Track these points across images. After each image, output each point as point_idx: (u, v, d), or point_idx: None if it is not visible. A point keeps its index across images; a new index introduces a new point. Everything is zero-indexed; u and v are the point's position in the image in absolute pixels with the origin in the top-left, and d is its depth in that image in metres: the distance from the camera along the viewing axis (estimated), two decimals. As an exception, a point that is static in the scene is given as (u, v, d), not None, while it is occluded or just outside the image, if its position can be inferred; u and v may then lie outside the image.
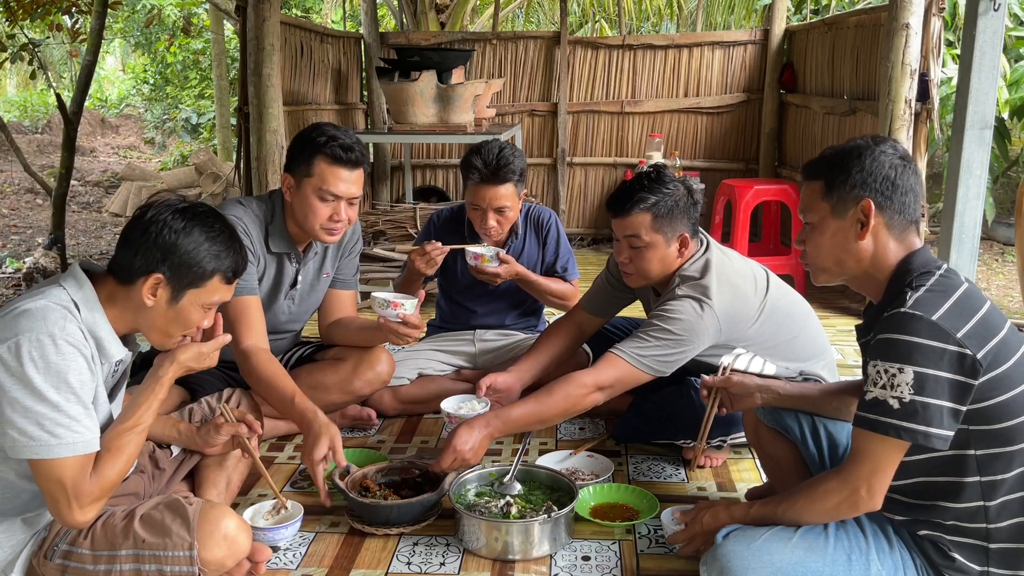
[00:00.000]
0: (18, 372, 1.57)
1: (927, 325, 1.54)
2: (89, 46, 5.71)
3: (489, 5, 9.48)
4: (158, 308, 1.74)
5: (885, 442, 1.58)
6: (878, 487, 1.62)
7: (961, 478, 1.63)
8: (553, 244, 3.16)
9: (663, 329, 2.32)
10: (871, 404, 1.59)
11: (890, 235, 1.70)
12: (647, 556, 2.16)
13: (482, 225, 2.97)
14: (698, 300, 2.34)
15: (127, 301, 1.74)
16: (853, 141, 1.76)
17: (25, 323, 1.60)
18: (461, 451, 2.25)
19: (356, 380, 2.76)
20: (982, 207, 3.92)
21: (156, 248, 1.70)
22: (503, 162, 2.88)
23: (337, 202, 2.48)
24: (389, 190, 6.55)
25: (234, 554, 1.76)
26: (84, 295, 1.71)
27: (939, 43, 4.11)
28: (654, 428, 2.70)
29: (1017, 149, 7.60)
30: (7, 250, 7.23)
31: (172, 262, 1.71)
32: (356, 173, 2.50)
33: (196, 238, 1.73)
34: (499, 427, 2.30)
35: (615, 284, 2.71)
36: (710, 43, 6.24)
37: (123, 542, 1.70)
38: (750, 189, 5.19)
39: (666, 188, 2.40)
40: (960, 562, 1.66)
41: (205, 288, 1.76)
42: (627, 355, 2.33)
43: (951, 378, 1.53)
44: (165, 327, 1.78)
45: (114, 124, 15.88)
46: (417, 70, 4.63)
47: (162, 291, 1.73)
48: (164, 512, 1.73)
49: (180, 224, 1.72)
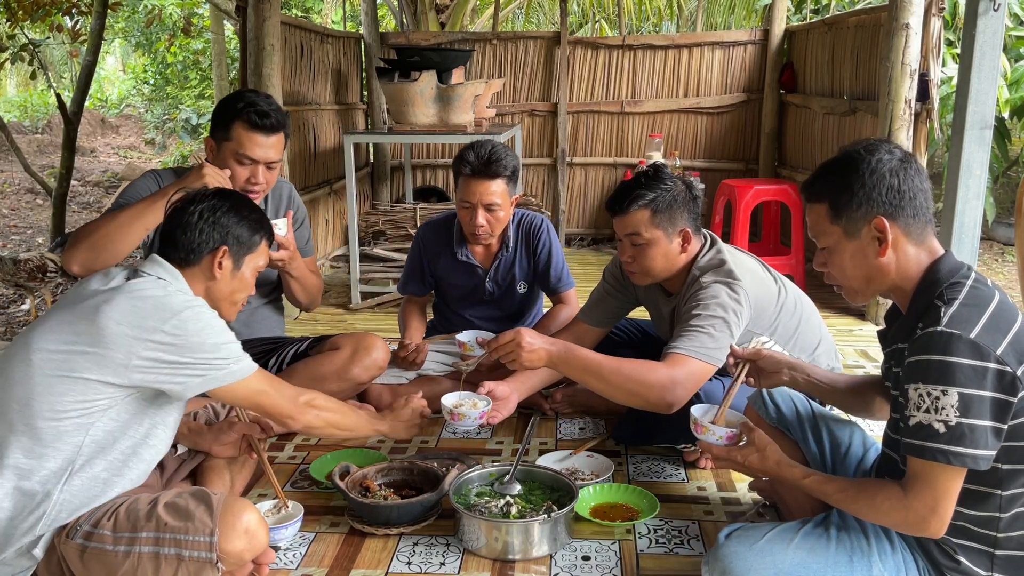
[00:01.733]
0: (189, 343, 1.77)
1: (966, 344, 1.50)
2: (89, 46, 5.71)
3: (489, 5, 9.48)
4: (224, 278, 1.98)
5: (942, 470, 1.53)
6: (945, 515, 1.56)
7: (984, 488, 1.60)
8: (545, 252, 3.10)
9: (709, 317, 2.28)
10: (915, 429, 1.54)
11: (909, 242, 1.66)
12: (647, 556, 2.16)
13: (471, 223, 2.94)
14: (727, 284, 2.33)
15: (195, 280, 1.95)
16: (847, 151, 1.71)
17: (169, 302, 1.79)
18: (523, 338, 2.21)
19: (354, 367, 2.78)
20: (982, 207, 3.92)
21: (217, 226, 1.95)
22: (495, 157, 2.87)
23: (255, 166, 2.61)
24: (389, 190, 6.55)
25: (253, 548, 1.77)
26: (179, 281, 1.91)
27: (939, 43, 4.11)
28: (654, 431, 2.70)
29: (1017, 149, 7.60)
30: (7, 250, 7.23)
31: (233, 235, 1.97)
32: (273, 138, 2.62)
33: (240, 212, 2.00)
34: (561, 351, 2.24)
35: (613, 291, 2.70)
36: (710, 43, 6.24)
37: (145, 524, 1.72)
38: (750, 189, 5.19)
39: (664, 184, 2.40)
40: (965, 565, 1.65)
41: (256, 252, 2.04)
42: (689, 351, 2.24)
43: (993, 396, 1.50)
44: (231, 295, 2.01)
45: (114, 124, 15.88)
46: (417, 70, 4.63)
47: (226, 262, 1.97)
48: (189, 499, 1.76)
49: (226, 204, 1.99)
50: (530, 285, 3.18)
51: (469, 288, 3.15)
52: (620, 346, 3.01)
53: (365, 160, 6.50)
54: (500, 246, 3.10)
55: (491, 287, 3.13)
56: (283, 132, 2.64)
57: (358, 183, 5.89)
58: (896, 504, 1.59)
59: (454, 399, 2.51)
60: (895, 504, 1.59)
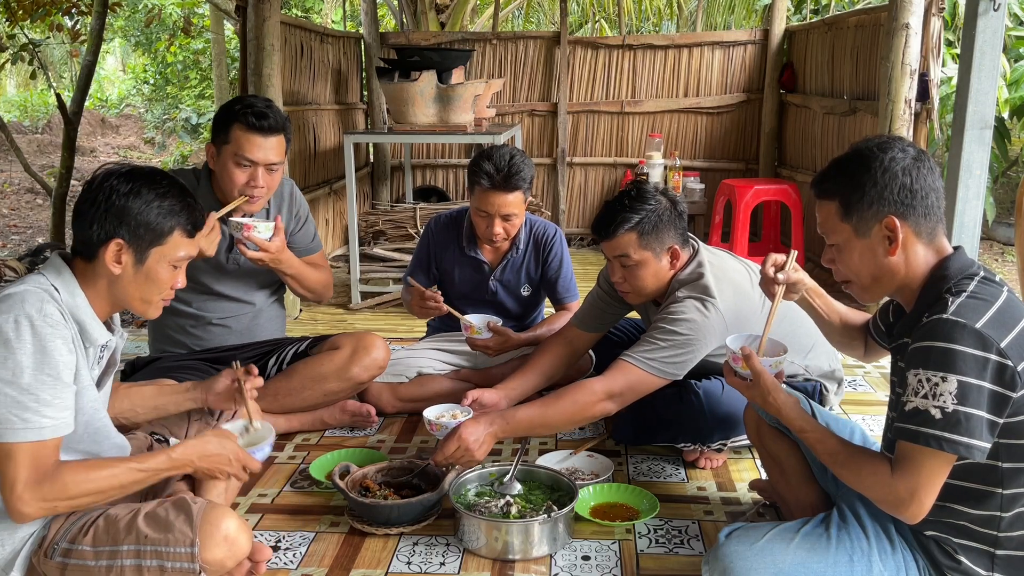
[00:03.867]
0: None
1: (970, 333, 1.49)
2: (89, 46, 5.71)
3: (489, 5, 9.47)
4: (126, 274, 1.74)
5: (932, 456, 1.53)
6: (926, 501, 1.56)
7: (984, 487, 1.60)
8: (556, 262, 3.11)
9: (670, 331, 2.31)
10: (911, 414, 1.54)
11: (919, 241, 1.65)
12: (647, 556, 2.16)
13: (487, 231, 2.94)
14: (701, 299, 2.33)
15: (97, 277, 1.74)
16: (859, 147, 1.69)
17: (3, 306, 1.62)
18: (466, 441, 2.22)
19: (354, 366, 2.78)
20: (982, 207, 3.92)
21: (109, 215, 1.70)
22: (514, 170, 2.84)
23: (254, 168, 2.58)
24: (389, 190, 6.55)
25: (234, 555, 1.76)
26: (63, 280, 1.72)
27: (939, 43, 4.11)
28: (654, 430, 2.69)
29: (1017, 149, 7.60)
30: (7, 250, 7.23)
31: (128, 225, 1.71)
32: (272, 140, 2.59)
33: (146, 197, 1.72)
34: (503, 427, 2.29)
35: (607, 298, 2.69)
36: (710, 43, 6.24)
37: (125, 537, 1.70)
38: (750, 189, 5.19)
39: (648, 204, 2.38)
40: (966, 565, 1.65)
41: (168, 244, 1.77)
42: (637, 360, 2.30)
43: (992, 389, 1.49)
44: (140, 292, 1.78)
45: (114, 124, 15.87)
46: (417, 70, 4.62)
47: (126, 256, 1.72)
48: (169, 509, 1.73)
49: (127, 187, 1.71)
50: (535, 290, 3.18)
51: (473, 284, 3.15)
52: (618, 346, 3.00)
53: (365, 160, 6.50)
54: (510, 247, 3.10)
55: (494, 286, 3.13)
56: (283, 134, 2.63)
57: (358, 183, 5.89)
58: (880, 480, 1.60)
59: (436, 411, 2.50)
60: (879, 480, 1.60)
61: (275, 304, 2.99)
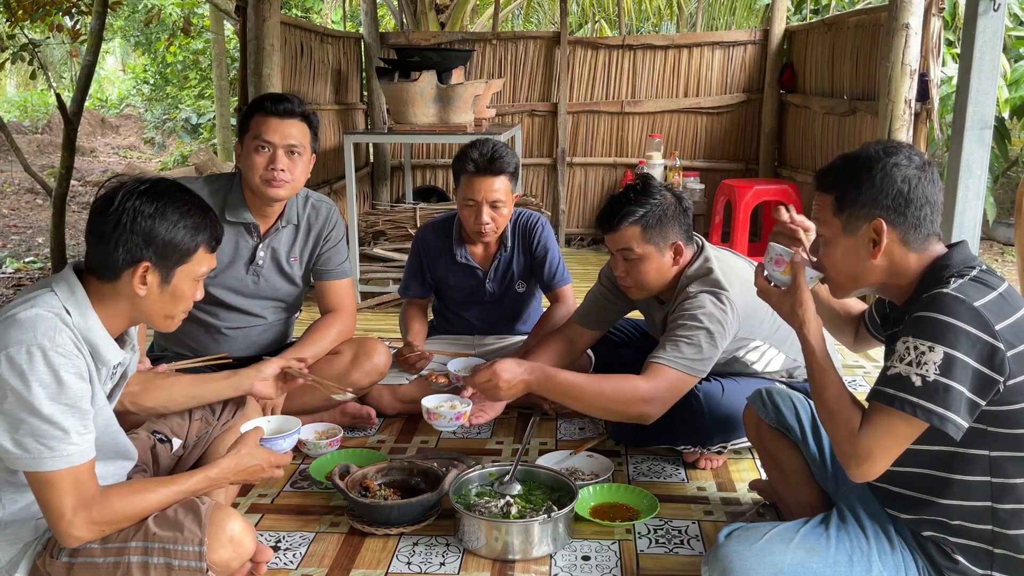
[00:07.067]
0: (9, 385, 1.57)
1: (968, 309, 1.51)
2: (89, 46, 5.70)
3: (489, 5, 9.47)
4: (151, 294, 1.72)
5: (902, 420, 1.54)
6: (879, 464, 1.58)
7: (971, 476, 1.61)
8: (541, 248, 3.09)
9: (693, 328, 2.29)
10: (891, 379, 1.55)
11: (907, 250, 1.66)
12: (647, 556, 2.16)
13: (476, 223, 2.93)
14: (714, 293, 2.33)
15: (116, 297, 1.71)
16: (867, 148, 1.70)
17: (15, 334, 1.59)
18: (499, 376, 2.21)
19: (355, 372, 2.77)
20: (982, 207, 3.92)
21: (135, 237, 1.66)
22: (497, 154, 2.88)
23: (273, 151, 2.54)
24: (389, 190, 6.55)
25: (239, 555, 1.76)
26: (76, 300, 1.68)
27: (939, 43, 4.11)
28: (655, 432, 2.68)
29: (1017, 149, 7.60)
30: (7, 250, 7.23)
31: (155, 246, 1.68)
32: (289, 121, 2.56)
33: (172, 218, 1.69)
34: (539, 379, 2.25)
35: (610, 295, 2.69)
36: (710, 43, 6.24)
37: (133, 535, 1.71)
38: (750, 189, 5.19)
39: (653, 199, 2.39)
40: (963, 564, 1.65)
41: (192, 261, 1.75)
42: (669, 361, 2.26)
43: (978, 368, 1.50)
44: (164, 310, 1.77)
45: (114, 124, 15.89)
46: (417, 70, 4.63)
47: (152, 277, 1.70)
48: (177, 509, 1.74)
49: (151, 207, 1.68)
50: (528, 283, 3.18)
51: (470, 290, 3.15)
52: (619, 346, 3.01)
53: (365, 160, 6.50)
54: (498, 246, 3.10)
55: (491, 288, 3.13)
56: (303, 120, 2.60)
57: (358, 183, 5.89)
58: (848, 430, 1.61)
59: (435, 401, 2.50)
60: (848, 430, 1.61)
61: (286, 320, 2.94)
